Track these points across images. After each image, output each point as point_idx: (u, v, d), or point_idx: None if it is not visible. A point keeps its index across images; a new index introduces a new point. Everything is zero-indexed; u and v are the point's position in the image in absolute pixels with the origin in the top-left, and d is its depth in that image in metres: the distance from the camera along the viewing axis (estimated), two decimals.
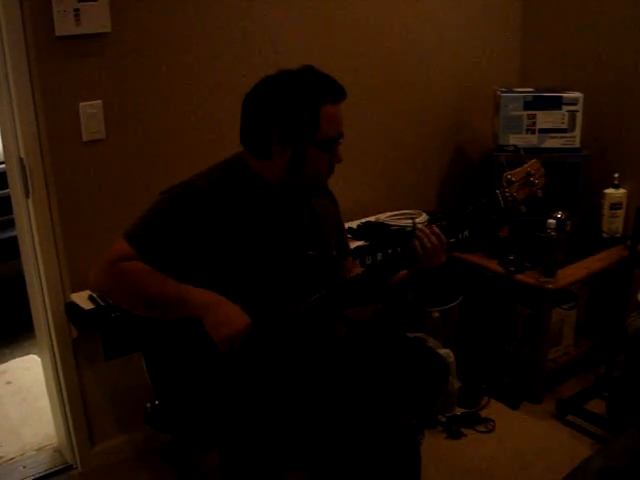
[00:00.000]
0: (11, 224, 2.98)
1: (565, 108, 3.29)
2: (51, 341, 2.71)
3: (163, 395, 1.95)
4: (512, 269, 3.16)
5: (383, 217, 3.28)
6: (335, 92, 1.97)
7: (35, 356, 3.70)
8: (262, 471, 2.05)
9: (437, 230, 2.03)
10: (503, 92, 3.36)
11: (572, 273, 3.17)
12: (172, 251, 1.90)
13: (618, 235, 3.42)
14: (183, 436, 2.07)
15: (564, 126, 3.30)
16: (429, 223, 3.13)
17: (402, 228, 3.17)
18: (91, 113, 2.54)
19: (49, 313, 2.65)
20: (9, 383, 3.61)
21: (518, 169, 2.07)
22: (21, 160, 2.49)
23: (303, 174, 2.00)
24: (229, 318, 1.86)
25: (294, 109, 1.94)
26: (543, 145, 3.31)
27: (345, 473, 1.91)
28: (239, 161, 2.05)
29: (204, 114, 2.80)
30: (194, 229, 1.89)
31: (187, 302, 1.87)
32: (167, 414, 1.95)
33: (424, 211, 3.32)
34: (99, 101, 2.55)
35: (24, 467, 2.92)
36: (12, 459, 2.98)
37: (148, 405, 1.97)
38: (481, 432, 3.06)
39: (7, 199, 2.76)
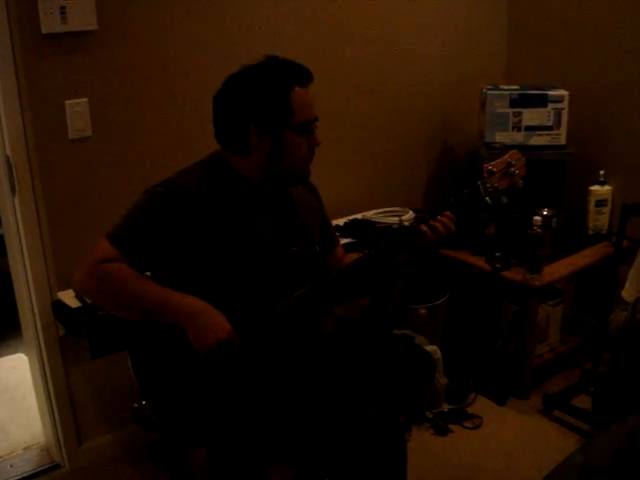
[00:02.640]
0: None
1: (551, 106, 3.30)
2: (38, 340, 2.70)
3: (149, 394, 1.95)
4: (498, 266, 3.18)
5: (370, 214, 3.28)
6: (302, 75, 1.99)
7: (22, 355, 3.69)
8: (250, 468, 2.05)
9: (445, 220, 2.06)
10: (489, 90, 3.37)
11: (558, 270, 3.19)
12: (155, 250, 1.90)
13: (603, 232, 3.44)
14: (171, 434, 2.06)
15: (550, 123, 3.32)
16: (415, 220, 3.14)
17: (389, 225, 3.18)
18: (77, 111, 2.54)
19: (36, 311, 2.65)
20: None
21: (498, 160, 2.08)
22: (7, 158, 2.49)
23: (284, 161, 2.01)
24: (209, 328, 1.85)
25: (265, 97, 1.95)
26: (529, 142, 3.32)
27: (331, 469, 1.92)
28: (218, 159, 2.05)
29: (191, 111, 2.79)
30: (176, 228, 1.89)
31: (169, 309, 1.86)
32: (154, 413, 1.95)
33: (411, 208, 3.33)
34: (85, 99, 2.55)
35: (11, 466, 2.91)
36: None
37: (135, 405, 1.97)
38: (468, 428, 3.08)
39: None
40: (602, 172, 3.40)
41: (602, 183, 3.41)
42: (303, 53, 2.38)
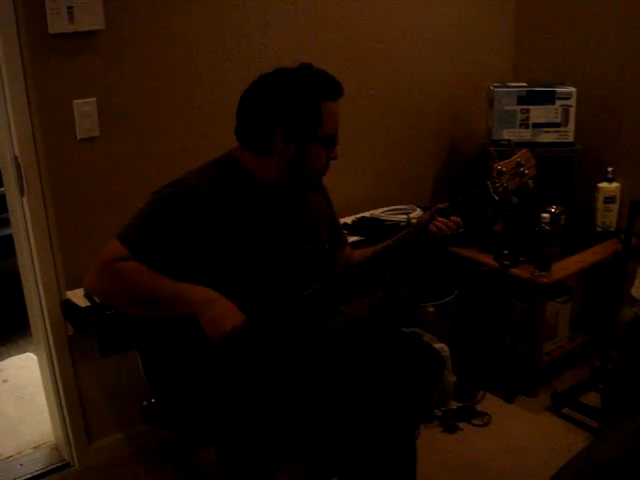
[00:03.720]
0: (6, 222, 2.98)
1: (558, 103, 3.30)
2: (47, 339, 2.71)
3: (159, 392, 1.95)
4: (507, 263, 3.17)
5: (378, 212, 3.29)
6: (335, 89, 2.01)
7: (32, 354, 3.71)
8: (259, 466, 2.05)
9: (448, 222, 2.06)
10: (497, 87, 3.36)
11: (566, 267, 3.18)
12: (166, 250, 1.90)
13: (612, 229, 3.43)
14: (180, 433, 2.06)
15: (557, 120, 3.31)
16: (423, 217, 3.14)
17: (396, 223, 3.18)
18: (85, 111, 2.54)
19: (45, 311, 2.66)
20: (6, 381, 3.61)
21: (508, 160, 2.08)
22: (16, 158, 2.49)
23: (303, 170, 2.02)
24: (224, 315, 1.86)
25: (299, 105, 1.96)
26: (537, 140, 3.32)
27: (341, 467, 1.92)
28: (231, 159, 2.05)
29: (199, 111, 2.80)
30: (187, 228, 1.90)
31: (183, 300, 1.87)
32: (163, 411, 1.95)
33: (418, 206, 3.33)
34: (93, 99, 2.55)
35: (21, 465, 2.92)
36: (9, 457, 2.98)
37: (145, 403, 1.97)
38: (477, 426, 3.07)
39: (2, 197, 2.76)
40: (610, 169, 3.39)
41: (610, 180, 3.40)
42: (312, 53, 2.40)
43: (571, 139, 3.33)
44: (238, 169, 2.03)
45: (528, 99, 3.31)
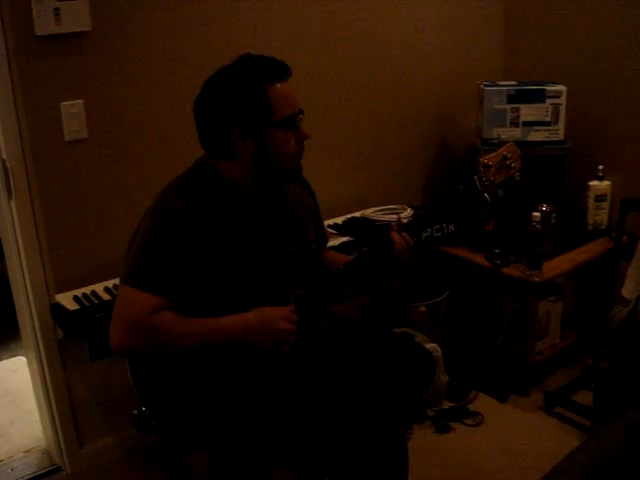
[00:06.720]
0: None
1: (549, 101, 3.29)
2: (37, 342, 2.70)
3: (149, 399, 1.93)
4: (498, 262, 3.17)
5: (368, 212, 3.28)
6: (278, 70, 1.94)
7: (22, 358, 3.69)
8: (250, 470, 2.05)
9: (407, 236, 2.06)
10: (486, 86, 3.36)
11: (558, 265, 3.18)
12: (177, 277, 1.85)
13: (603, 227, 3.44)
14: (171, 438, 2.05)
15: (548, 119, 3.31)
16: (413, 217, 3.14)
17: (387, 223, 3.16)
18: (73, 113, 2.53)
19: (34, 314, 2.64)
20: None
21: (494, 153, 2.08)
22: (3, 161, 2.48)
23: (271, 160, 1.95)
24: (269, 328, 1.89)
25: (242, 97, 1.90)
26: (527, 138, 3.31)
27: (332, 470, 1.91)
28: (207, 167, 2.00)
29: (186, 113, 2.77)
30: (187, 250, 1.85)
31: (221, 336, 1.87)
32: (154, 418, 1.93)
33: (409, 206, 3.32)
34: (80, 101, 2.54)
35: (12, 469, 2.91)
36: (0, 461, 2.97)
37: (135, 412, 1.95)
38: (469, 425, 3.07)
39: None
40: (601, 167, 3.39)
41: (601, 178, 3.40)
42: (301, 55, 2.39)
43: (561, 137, 3.33)
44: (217, 179, 1.97)
45: (518, 98, 3.31)
